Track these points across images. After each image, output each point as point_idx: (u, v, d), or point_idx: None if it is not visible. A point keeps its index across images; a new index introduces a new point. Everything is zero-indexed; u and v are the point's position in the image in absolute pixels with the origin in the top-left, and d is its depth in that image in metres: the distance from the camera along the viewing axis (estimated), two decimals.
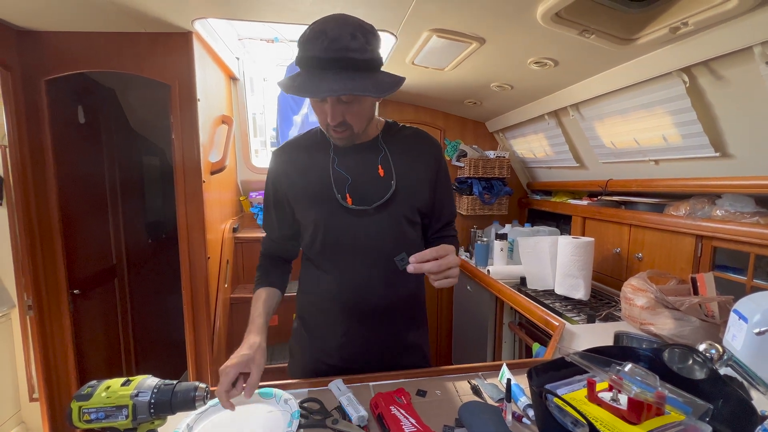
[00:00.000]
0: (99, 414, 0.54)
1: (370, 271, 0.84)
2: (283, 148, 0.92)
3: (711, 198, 1.31)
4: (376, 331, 0.87)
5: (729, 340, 0.88)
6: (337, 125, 0.76)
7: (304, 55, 0.71)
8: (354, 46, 0.69)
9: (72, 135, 1.70)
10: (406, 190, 0.86)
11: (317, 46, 0.68)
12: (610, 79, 1.37)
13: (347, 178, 0.84)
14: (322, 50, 0.68)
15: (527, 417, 0.69)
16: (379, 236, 0.84)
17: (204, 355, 1.68)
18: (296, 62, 0.73)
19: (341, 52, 0.68)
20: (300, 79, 0.71)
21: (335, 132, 0.78)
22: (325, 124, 0.78)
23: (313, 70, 0.70)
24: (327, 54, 0.68)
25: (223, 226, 1.94)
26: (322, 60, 0.68)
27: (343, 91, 0.68)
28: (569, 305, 1.51)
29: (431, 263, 0.70)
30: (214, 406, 0.66)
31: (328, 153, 0.87)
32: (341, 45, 0.68)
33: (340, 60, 0.69)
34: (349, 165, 0.85)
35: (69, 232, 1.60)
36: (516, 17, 1.11)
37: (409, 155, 0.88)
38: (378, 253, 0.84)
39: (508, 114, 2.18)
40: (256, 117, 2.48)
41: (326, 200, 0.83)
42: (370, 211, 0.83)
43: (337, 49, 0.68)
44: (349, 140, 0.81)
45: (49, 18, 1.36)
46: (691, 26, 0.93)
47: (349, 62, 0.69)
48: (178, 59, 1.51)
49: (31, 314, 1.50)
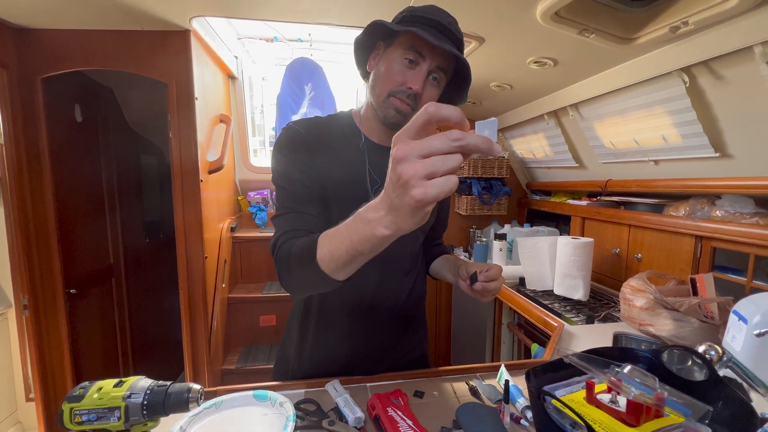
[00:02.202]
0: (91, 416, 0.53)
1: (380, 278, 0.82)
2: (306, 123, 0.77)
3: (711, 198, 1.31)
4: (378, 336, 0.86)
5: (728, 342, 0.87)
6: (412, 94, 0.70)
7: (425, 15, 0.71)
8: (461, 36, 0.74)
9: (69, 134, 1.69)
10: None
11: (440, 15, 0.71)
12: (609, 79, 1.36)
13: (376, 180, 0.77)
14: (447, 23, 0.71)
15: (525, 418, 0.68)
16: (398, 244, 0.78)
17: (201, 355, 1.67)
18: (407, 16, 0.72)
19: (458, 33, 0.73)
20: (418, 28, 0.68)
21: (402, 102, 0.71)
22: (396, 89, 0.71)
23: (430, 29, 0.70)
24: (450, 25, 0.71)
25: (221, 225, 1.94)
26: (445, 28, 0.71)
27: (461, 56, 0.70)
28: (568, 306, 1.50)
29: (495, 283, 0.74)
30: (207, 408, 0.65)
31: (360, 147, 0.79)
32: (458, 27, 0.73)
33: (458, 41, 0.73)
34: (378, 165, 0.78)
35: (65, 231, 1.59)
36: (515, 17, 1.10)
37: None
38: (391, 262, 0.81)
39: (508, 114, 2.18)
40: (255, 116, 2.47)
41: (357, 201, 0.69)
42: None
43: (456, 30, 0.73)
44: (404, 118, 0.71)
45: (46, 16, 1.35)
46: (691, 26, 0.93)
47: (459, 44, 0.74)
48: (176, 58, 1.50)
49: (27, 314, 1.49)
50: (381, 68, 0.74)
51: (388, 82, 0.72)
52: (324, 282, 0.56)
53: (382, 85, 0.73)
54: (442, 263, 0.98)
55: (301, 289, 0.69)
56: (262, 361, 1.90)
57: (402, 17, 0.73)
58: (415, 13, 0.72)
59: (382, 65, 0.74)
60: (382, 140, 0.80)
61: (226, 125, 1.96)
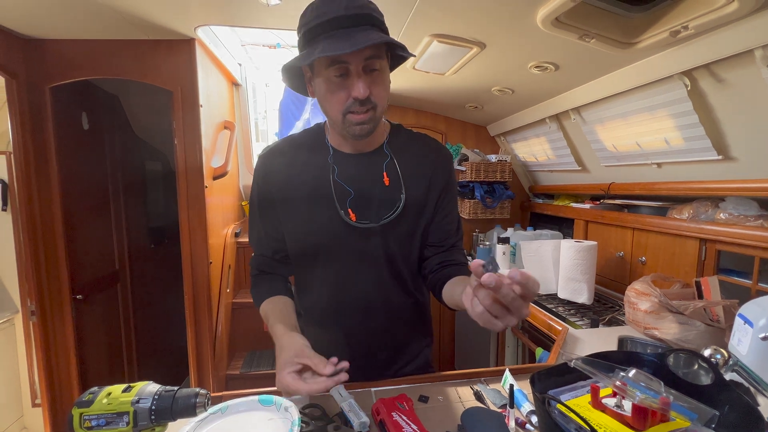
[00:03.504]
0: (100, 421, 0.53)
1: (372, 293, 0.80)
2: (271, 151, 0.82)
3: (714, 201, 1.30)
4: (379, 348, 0.85)
5: (734, 345, 0.86)
6: (364, 101, 0.67)
7: (320, 21, 0.64)
8: (373, 6, 0.66)
9: (76, 141, 1.72)
10: (416, 204, 0.79)
11: (335, 5, 0.63)
12: (611, 83, 1.37)
13: (349, 191, 0.76)
14: (343, 8, 0.63)
15: (530, 423, 0.68)
16: (386, 256, 0.78)
17: (206, 360, 1.68)
18: (305, 35, 0.66)
19: (365, 9, 0.64)
20: (323, 44, 0.63)
21: (358, 114, 0.68)
22: (346, 107, 0.68)
23: (334, 32, 0.63)
24: (349, 11, 0.63)
25: (225, 230, 1.95)
26: (346, 18, 0.63)
27: (382, 40, 0.62)
28: (572, 309, 1.50)
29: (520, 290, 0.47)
30: (214, 413, 0.66)
31: (327, 160, 0.78)
32: (362, 2, 0.65)
33: (366, 17, 0.64)
34: (351, 176, 0.77)
35: (72, 237, 1.61)
36: (516, 22, 1.11)
37: (418, 164, 0.80)
38: (382, 273, 0.79)
39: (510, 118, 2.19)
40: (259, 122, 2.49)
41: (326, 215, 0.76)
42: (376, 229, 0.76)
43: (359, 6, 0.64)
44: (371, 126, 0.70)
45: (54, 26, 1.38)
46: (691, 30, 0.93)
47: (374, 20, 0.65)
48: (181, 66, 1.52)
49: (34, 320, 1.50)
50: (320, 93, 0.71)
51: (335, 103, 0.69)
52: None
53: (331, 109, 0.70)
54: (453, 284, 0.77)
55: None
56: (266, 366, 1.90)
57: (302, 35, 0.68)
58: (310, 23, 0.65)
59: (320, 89, 0.70)
60: (352, 149, 0.79)
61: (230, 131, 1.98)
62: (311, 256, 0.80)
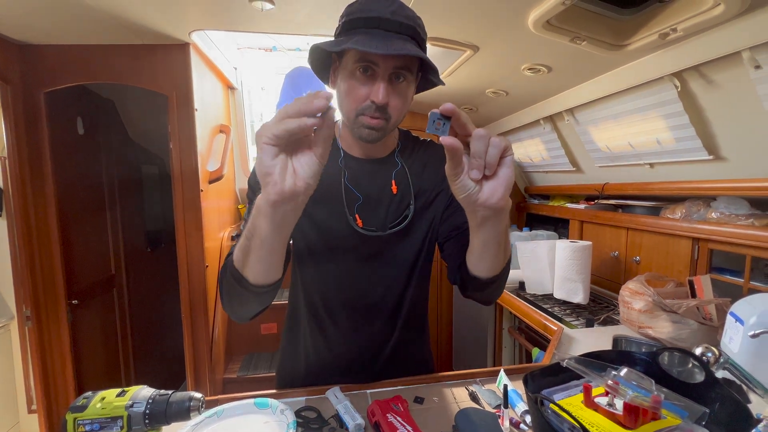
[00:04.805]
0: (94, 425, 0.54)
1: (374, 295, 0.81)
2: None
3: (706, 201, 1.32)
4: (377, 350, 0.85)
5: (726, 343, 0.87)
6: (379, 107, 0.65)
7: (364, 15, 0.62)
8: (420, 22, 0.64)
9: (71, 146, 1.72)
10: (424, 213, 0.78)
11: (382, 6, 0.62)
12: (603, 84, 1.38)
13: (359, 196, 0.76)
14: (390, 13, 0.61)
15: (525, 423, 0.68)
16: (389, 261, 0.78)
17: (203, 364, 1.68)
18: (345, 24, 0.65)
19: (411, 21, 0.63)
20: (359, 37, 0.60)
21: (372, 118, 0.66)
22: (362, 107, 0.66)
23: (374, 30, 0.61)
24: (395, 17, 0.61)
25: (221, 234, 1.95)
26: (390, 22, 0.61)
27: (417, 54, 0.59)
28: (568, 309, 1.51)
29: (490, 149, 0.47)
30: (209, 417, 0.66)
31: (338, 163, 0.76)
32: (410, 14, 0.63)
33: (409, 28, 0.62)
34: (360, 182, 0.76)
35: (67, 242, 1.61)
36: (508, 25, 1.12)
37: (429, 175, 0.79)
38: (384, 276, 0.80)
39: (504, 119, 2.20)
40: (255, 125, 2.49)
41: (335, 216, 0.75)
42: (384, 237, 0.76)
43: (407, 16, 0.62)
44: (380, 134, 0.68)
45: (49, 32, 1.38)
46: (680, 32, 0.94)
47: (416, 35, 0.63)
48: (176, 70, 1.53)
49: (29, 325, 1.50)
50: (341, 86, 0.69)
51: (351, 100, 0.67)
52: (240, 283, 0.58)
53: (347, 105, 0.69)
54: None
55: (232, 304, 0.68)
56: (264, 369, 1.90)
57: (342, 23, 0.66)
58: (353, 14, 0.64)
59: (341, 83, 0.68)
60: (362, 153, 0.78)
61: (226, 135, 1.98)
62: (316, 254, 0.80)
